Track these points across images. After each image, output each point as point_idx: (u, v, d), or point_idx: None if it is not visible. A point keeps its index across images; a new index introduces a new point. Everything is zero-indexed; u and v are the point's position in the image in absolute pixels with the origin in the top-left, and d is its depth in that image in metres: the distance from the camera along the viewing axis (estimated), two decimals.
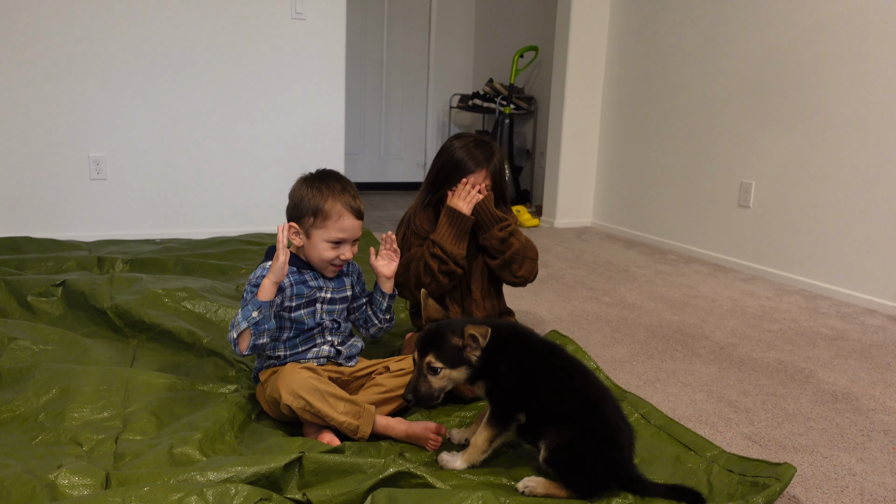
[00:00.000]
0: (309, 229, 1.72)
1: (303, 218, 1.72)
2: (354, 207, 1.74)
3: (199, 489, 1.27)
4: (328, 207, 1.70)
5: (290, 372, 1.64)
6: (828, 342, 2.66)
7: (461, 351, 1.52)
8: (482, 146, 2.06)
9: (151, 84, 3.71)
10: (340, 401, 1.63)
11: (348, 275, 1.86)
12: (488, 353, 1.54)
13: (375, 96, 6.37)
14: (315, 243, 1.73)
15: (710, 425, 1.92)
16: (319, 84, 4.07)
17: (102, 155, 3.67)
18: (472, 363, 1.52)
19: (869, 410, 2.05)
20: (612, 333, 2.66)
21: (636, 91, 4.58)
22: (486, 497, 1.19)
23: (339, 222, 1.71)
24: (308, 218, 1.71)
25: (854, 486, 1.62)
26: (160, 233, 3.84)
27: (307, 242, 1.74)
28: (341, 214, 1.71)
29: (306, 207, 1.71)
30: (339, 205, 1.71)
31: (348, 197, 1.73)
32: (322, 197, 1.71)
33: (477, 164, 2.03)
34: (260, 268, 1.71)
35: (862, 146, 3.19)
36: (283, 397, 1.61)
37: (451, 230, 1.98)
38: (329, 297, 1.80)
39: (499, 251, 2.05)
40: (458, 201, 1.99)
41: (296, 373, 1.63)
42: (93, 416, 1.68)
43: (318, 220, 1.71)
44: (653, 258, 4.05)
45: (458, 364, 1.52)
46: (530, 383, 1.53)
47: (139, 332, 2.25)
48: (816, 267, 3.42)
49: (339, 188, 1.73)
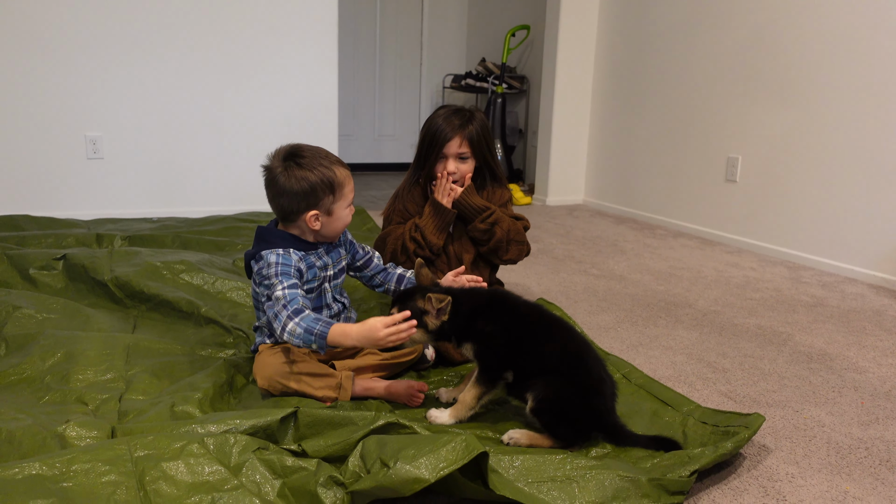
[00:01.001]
0: (330, 207, 1.71)
1: (321, 200, 1.70)
2: (343, 163, 1.76)
3: (201, 438, 1.35)
4: (340, 177, 1.71)
5: (264, 360, 1.69)
6: (807, 309, 2.75)
7: (423, 314, 1.61)
8: (459, 113, 2.10)
9: (147, 64, 3.76)
10: (316, 377, 1.68)
11: (341, 244, 1.90)
12: (472, 316, 1.63)
13: (369, 77, 6.41)
14: (338, 215, 1.74)
15: (688, 384, 2.00)
16: (313, 65, 4.12)
17: (99, 135, 3.72)
18: (429, 329, 1.61)
19: (842, 370, 2.14)
20: (598, 303, 2.74)
21: (626, 69, 4.64)
22: (470, 440, 1.26)
23: (349, 184, 1.74)
24: (327, 197, 1.70)
25: (822, 436, 1.71)
26: (157, 212, 3.90)
27: (329, 220, 1.73)
28: (346, 176, 1.74)
29: (321, 188, 1.68)
30: (340, 169, 1.72)
31: (334, 157, 1.74)
32: (328, 170, 1.69)
33: (453, 130, 2.07)
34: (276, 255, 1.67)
35: (845, 121, 3.26)
36: (260, 384, 1.69)
37: (434, 221, 2.07)
38: (332, 273, 1.84)
39: (483, 241, 2.14)
40: (439, 196, 2.07)
41: (269, 360, 1.68)
42: (96, 377, 1.76)
43: (336, 193, 1.71)
44: (642, 233, 4.12)
45: (418, 325, 1.60)
46: (516, 342, 1.61)
47: (139, 302, 2.33)
48: (800, 239, 3.50)
49: (323, 155, 1.72)
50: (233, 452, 1.34)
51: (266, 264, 1.68)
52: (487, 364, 1.64)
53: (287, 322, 1.59)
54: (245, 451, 1.35)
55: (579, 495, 1.33)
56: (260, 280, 1.71)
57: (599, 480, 1.35)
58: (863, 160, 3.19)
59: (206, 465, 1.29)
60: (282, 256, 1.68)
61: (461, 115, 2.10)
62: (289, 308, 1.61)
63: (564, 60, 4.82)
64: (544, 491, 1.33)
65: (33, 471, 1.22)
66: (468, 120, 2.09)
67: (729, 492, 1.44)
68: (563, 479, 1.35)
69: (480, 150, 2.12)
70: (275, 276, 1.66)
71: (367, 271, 1.97)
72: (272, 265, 1.67)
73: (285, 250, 1.70)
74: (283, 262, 1.68)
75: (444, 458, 1.24)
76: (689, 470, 1.38)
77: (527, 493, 1.32)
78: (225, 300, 2.40)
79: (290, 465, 1.33)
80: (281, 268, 1.67)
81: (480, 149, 2.12)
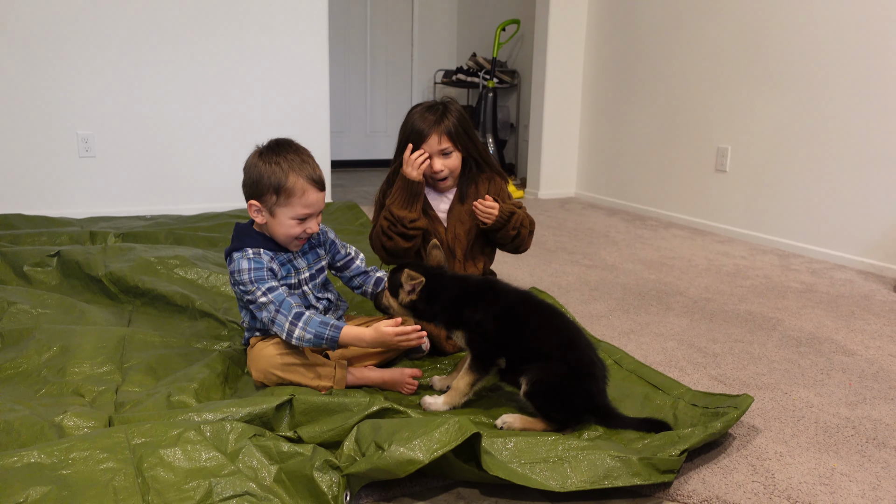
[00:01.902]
0: (272, 207, 1.65)
1: (264, 196, 1.65)
2: (316, 179, 1.67)
3: (197, 426, 1.36)
4: (291, 184, 1.63)
5: (258, 352, 1.70)
6: (797, 295, 2.78)
7: (399, 288, 1.67)
8: (433, 108, 2.03)
9: (138, 62, 3.76)
10: (311, 368, 1.68)
11: (320, 245, 1.85)
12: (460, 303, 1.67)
13: (360, 73, 6.42)
14: (281, 220, 1.66)
15: (679, 369, 2.03)
16: (303, 61, 4.13)
17: (90, 132, 3.73)
18: (402, 303, 1.68)
19: (830, 353, 2.17)
20: (590, 292, 2.76)
21: (616, 62, 4.66)
22: (463, 422, 1.29)
23: (304, 198, 1.65)
24: (270, 196, 1.64)
25: (810, 416, 1.73)
26: (150, 209, 3.90)
27: (271, 220, 1.68)
28: (305, 190, 1.64)
29: (266, 185, 1.64)
30: (301, 180, 1.64)
31: (308, 169, 1.66)
32: (283, 172, 1.63)
33: (429, 128, 2.00)
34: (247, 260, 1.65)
35: (834, 110, 3.29)
36: (255, 376, 1.70)
37: (400, 194, 2.02)
38: (308, 275, 1.79)
39: (510, 244, 2.11)
40: (407, 168, 2.00)
41: (263, 353, 1.68)
42: (93, 370, 1.77)
43: (281, 197, 1.63)
44: (633, 224, 4.15)
45: (393, 294, 1.69)
46: (507, 329, 1.64)
47: (134, 297, 2.34)
48: (790, 227, 3.54)
49: (297, 161, 1.65)
50: (229, 439, 1.36)
51: (238, 269, 1.65)
52: (479, 351, 1.66)
53: (292, 329, 1.61)
54: (241, 438, 1.37)
55: (571, 475, 1.35)
56: (234, 282, 1.69)
57: (591, 460, 1.37)
58: (851, 149, 3.23)
59: (204, 451, 1.31)
60: (253, 261, 1.65)
61: (435, 110, 2.03)
62: (284, 311, 1.61)
63: (554, 54, 4.84)
64: (536, 471, 1.35)
65: (32, 459, 1.23)
66: (443, 114, 2.02)
67: (719, 470, 1.47)
68: (555, 459, 1.38)
69: (462, 141, 2.06)
70: (250, 282, 1.64)
71: (348, 272, 1.94)
72: (244, 271, 1.65)
73: (255, 252, 1.67)
74: (255, 267, 1.65)
75: (437, 440, 1.26)
76: (679, 449, 1.40)
77: (519, 473, 1.34)
78: (219, 294, 2.41)
79: (286, 450, 1.35)
80: (254, 273, 1.64)
81: (462, 140, 2.06)
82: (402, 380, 1.77)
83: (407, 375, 1.77)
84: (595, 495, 1.37)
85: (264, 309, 1.63)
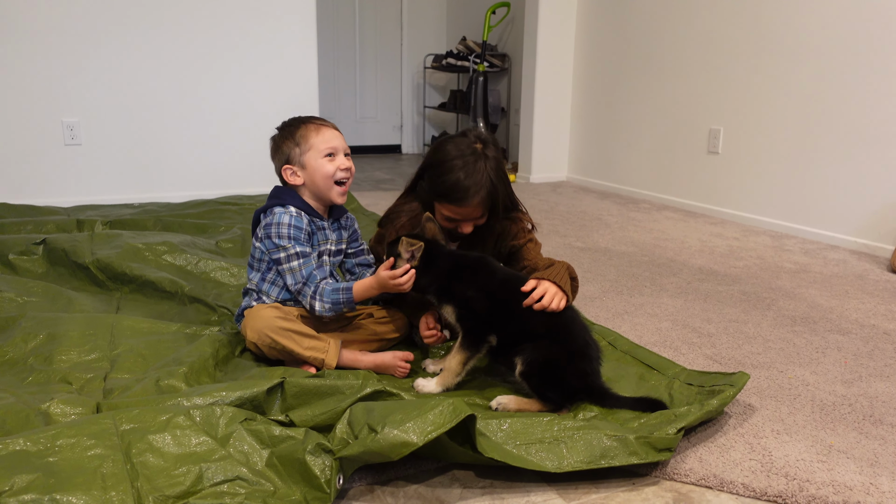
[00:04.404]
0: (300, 158, 1.74)
1: (289, 155, 1.75)
2: (326, 122, 1.79)
3: (187, 410, 1.34)
4: (303, 132, 1.75)
5: (256, 313, 1.70)
6: (790, 275, 2.77)
7: (398, 257, 1.66)
8: (474, 171, 1.72)
9: (123, 47, 3.70)
10: (305, 337, 1.69)
11: (346, 228, 1.91)
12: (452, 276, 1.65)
13: (349, 59, 6.35)
14: (312, 165, 1.74)
15: (674, 349, 2.01)
16: (291, 45, 4.07)
17: (76, 120, 3.67)
18: None
19: (825, 332, 2.16)
20: (583, 274, 2.74)
21: (607, 44, 4.63)
22: (457, 403, 1.27)
23: (321, 135, 1.75)
24: (293, 150, 1.74)
25: (806, 395, 1.72)
26: (138, 197, 3.85)
27: (305, 172, 1.75)
28: (318, 129, 1.76)
29: (288, 145, 1.75)
30: (311, 124, 1.77)
31: (316, 120, 1.79)
32: (294, 128, 1.76)
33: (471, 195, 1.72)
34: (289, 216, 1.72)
35: (825, 91, 3.27)
36: (249, 336, 1.70)
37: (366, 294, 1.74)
38: (334, 248, 1.86)
39: None
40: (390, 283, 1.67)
41: (261, 313, 1.68)
42: (80, 358, 1.74)
43: (302, 146, 1.74)
44: (626, 207, 4.13)
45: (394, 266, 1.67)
46: (501, 307, 1.62)
47: (122, 284, 2.30)
48: (783, 208, 3.53)
49: (303, 119, 1.79)
50: (220, 424, 1.33)
51: (278, 223, 1.72)
52: (470, 327, 1.64)
53: (313, 302, 1.72)
54: (232, 423, 1.34)
55: (567, 455, 1.33)
56: (266, 235, 1.73)
57: (587, 440, 1.35)
58: (844, 130, 3.21)
59: (193, 436, 1.28)
60: (294, 218, 1.73)
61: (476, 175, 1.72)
62: (310, 286, 1.72)
63: (545, 37, 4.80)
64: (532, 452, 1.34)
65: (17, 447, 1.21)
66: (489, 177, 1.73)
67: (716, 449, 1.45)
68: (550, 440, 1.36)
69: (498, 200, 1.78)
70: (287, 237, 1.71)
71: (354, 259, 1.95)
72: (284, 225, 1.71)
73: (298, 212, 1.74)
74: (296, 225, 1.72)
75: (431, 422, 1.24)
76: (675, 427, 1.39)
77: (515, 454, 1.32)
78: (209, 280, 2.38)
79: (277, 434, 1.32)
80: (293, 230, 1.72)
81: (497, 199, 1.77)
82: (394, 363, 1.75)
83: (399, 359, 1.75)
84: (591, 475, 1.35)
85: (290, 275, 1.73)
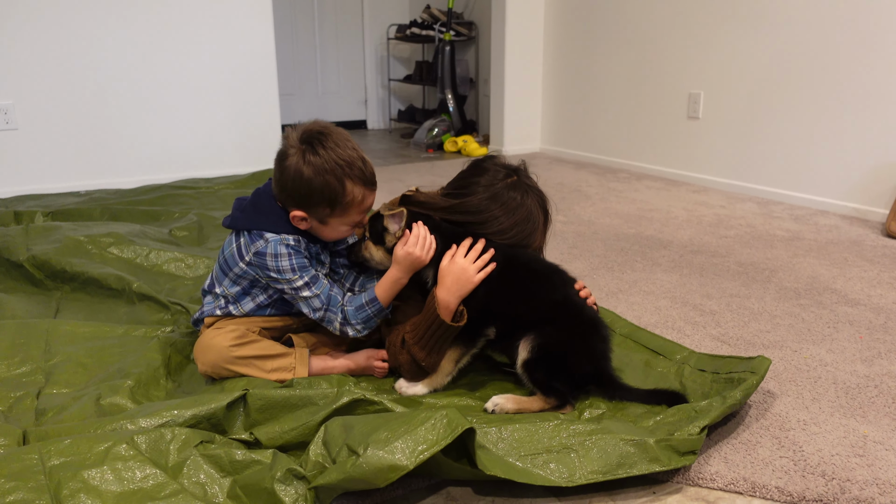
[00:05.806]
0: (325, 218, 1.46)
1: (316, 208, 1.45)
2: (370, 179, 1.47)
3: (129, 437, 1.13)
4: (349, 196, 1.43)
5: (207, 342, 1.47)
6: (784, 243, 2.63)
7: (383, 232, 1.48)
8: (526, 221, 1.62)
9: (61, 22, 3.37)
10: (268, 359, 1.48)
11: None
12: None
13: (308, 31, 6.04)
14: (333, 227, 1.49)
15: (677, 329, 1.85)
16: (246, 18, 3.78)
17: (10, 102, 3.35)
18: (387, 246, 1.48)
19: (833, 304, 2.02)
20: (569, 249, 2.57)
21: (579, 7, 4.41)
22: (452, 415, 1.08)
23: (362, 205, 1.48)
24: (323, 209, 1.45)
25: (826, 377, 1.57)
26: (85, 184, 3.56)
27: (320, 227, 1.49)
28: (364, 197, 1.47)
29: (319, 199, 1.43)
30: (358, 186, 1.44)
31: (359, 164, 1.44)
32: (337, 182, 1.41)
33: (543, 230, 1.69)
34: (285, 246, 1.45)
35: (811, 51, 3.12)
36: (201, 369, 1.49)
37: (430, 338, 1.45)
38: (329, 270, 1.63)
39: None
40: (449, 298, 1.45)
41: (213, 343, 1.46)
42: (9, 372, 1.51)
43: (336, 210, 1.45)
44: (604, 177, 3.96)
45: (378, 242, 1.50)
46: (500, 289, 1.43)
47: (62, 283, 2.06)
48: (768, 173, 3.39)
49: (347, 158, 1.42)
50: (170, 450, 1.13)
51: (274, 254, 1.45)
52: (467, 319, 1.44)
53: (345, 330, 1.51)
54: (185, 447, 1.14)
55: (579, 466, 1.16)
56: (260, 264, 1.46)
57: (601, 447, 1.18)
58: (830, 91, 3.06)
59: (138, 469, 1.08)
60: (292, 247, 1.46)
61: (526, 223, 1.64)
62: (336, 313, 1.50)
63: (514, 2, 4.57)
64: (540, 464, 1.16)
65: None
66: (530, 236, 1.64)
67: (740, 447, 1.29)
68: (559, 448, 1.18)
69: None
70: (291, 270, 1.45)
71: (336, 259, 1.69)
72: (284, 257, 1.45)
73: (295, 239, 1.48)
74: (296, 252, 1.46)
75: (422, 439, 1.05)
76: (698, 426, 1.22)
77: (520, 469, 1.14)
78: (161, 273, 2.15)
79: (240, 459, 1.13)
80: (296, 260, 1.46)
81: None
82: (370, 364, 1.55)
83: (375, 357, 1.55)
84: (606, 484, 1.18)
85: (307, 303, 1.49)
